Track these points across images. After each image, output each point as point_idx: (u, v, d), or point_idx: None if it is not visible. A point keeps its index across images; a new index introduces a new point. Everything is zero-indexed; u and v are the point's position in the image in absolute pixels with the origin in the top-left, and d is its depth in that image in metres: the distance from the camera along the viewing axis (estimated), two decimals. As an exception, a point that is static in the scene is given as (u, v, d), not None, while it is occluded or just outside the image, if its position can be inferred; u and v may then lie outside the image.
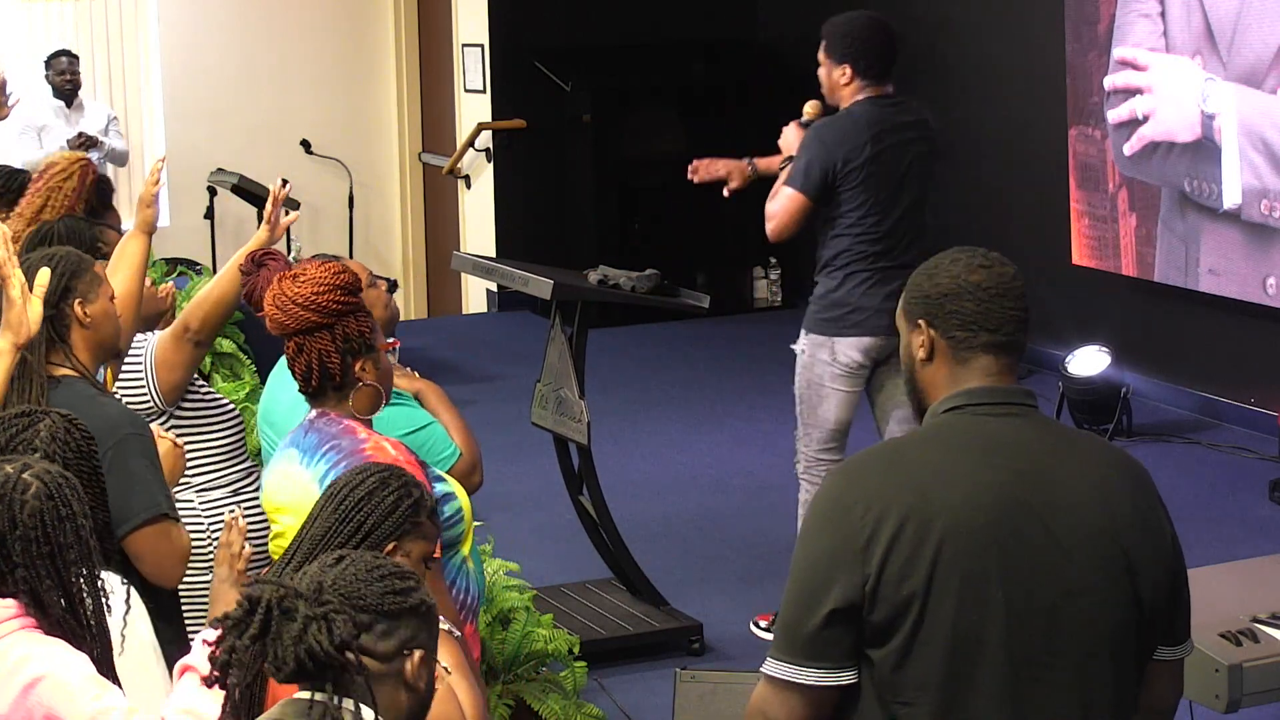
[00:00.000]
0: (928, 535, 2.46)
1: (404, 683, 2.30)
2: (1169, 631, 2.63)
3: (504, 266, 6.00)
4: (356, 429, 3.47)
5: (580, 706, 4.66)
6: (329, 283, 3.48)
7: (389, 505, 2.99)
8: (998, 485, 2.50)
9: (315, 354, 3.47)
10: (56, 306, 3.71)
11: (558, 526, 6.66)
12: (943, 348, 2.62)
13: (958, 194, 9.64)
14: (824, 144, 5.51)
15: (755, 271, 10.89)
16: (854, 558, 2.47)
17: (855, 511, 2.49)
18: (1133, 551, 2.53)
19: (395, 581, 2.33)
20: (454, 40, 11.13)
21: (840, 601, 2.47)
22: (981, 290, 2.60)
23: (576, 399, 5.59)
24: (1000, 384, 2.59)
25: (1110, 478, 2.58)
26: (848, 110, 5.58)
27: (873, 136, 5.51)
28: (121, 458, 3.57)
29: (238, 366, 6.20)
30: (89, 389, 3.73)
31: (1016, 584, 2.47)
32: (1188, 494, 7.13)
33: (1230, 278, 7.77)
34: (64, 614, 2.74)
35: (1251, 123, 7.52)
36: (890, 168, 5.55)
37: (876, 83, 5.60)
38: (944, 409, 2.60)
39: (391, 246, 11.89)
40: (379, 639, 2.28)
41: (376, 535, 2.99)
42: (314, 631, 2.22)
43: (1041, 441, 2.58)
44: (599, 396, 6.54)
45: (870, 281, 5.54)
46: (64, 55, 9.71)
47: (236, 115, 11.29)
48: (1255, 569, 3.98)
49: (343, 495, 2.99)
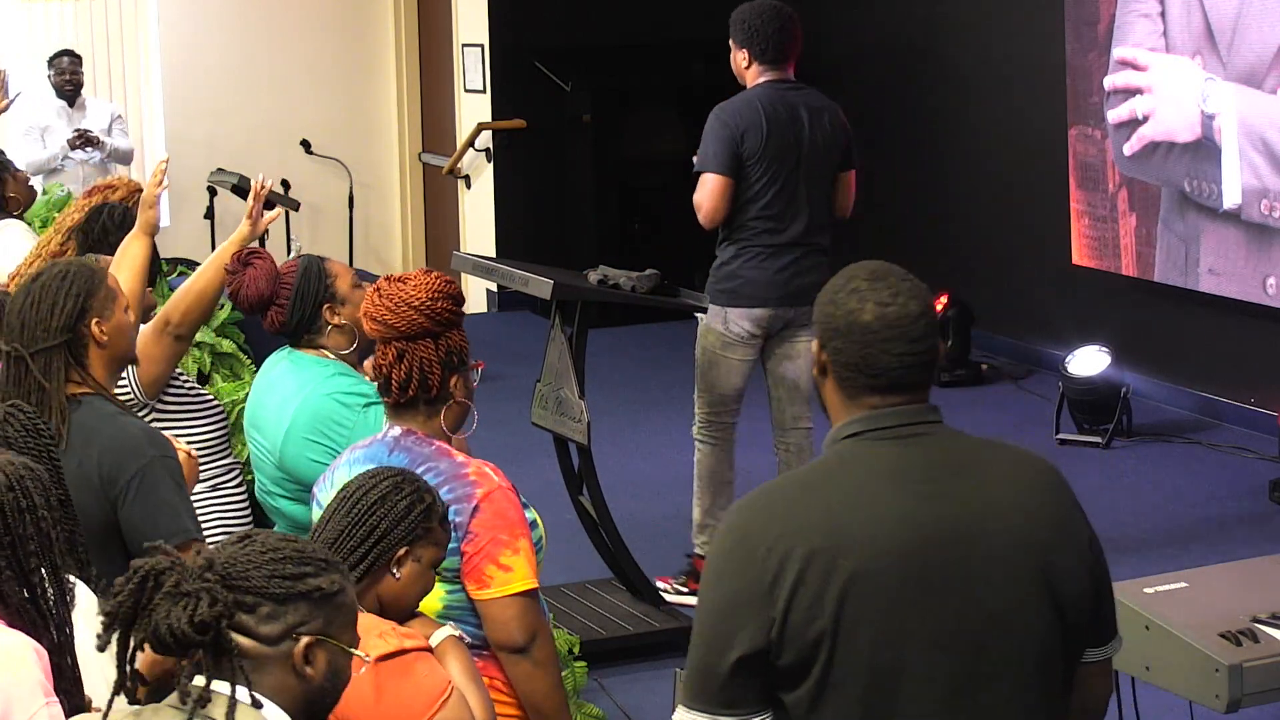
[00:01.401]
0: (834, 573, 2.37)
1: (292, 667, 2.29)
2: (1095, 634, 2.58)
3: (504, 266, 6.00)
4: (451, 451, 3.40)
5: (580, 706, 4.66)
6: (442, 290, 3.42)
7: (402, 510, 2.99)
8: (905, 514, 2.42)
9: (418, 362, 3.39)
10: (74, 328, 3.68)
11: (558, 526, 6.64)
12: (833, 374, 2.53)
13: (958, 194, 9.65)
14: (724, 124, 5.86)
15: (755, 271, 10.89)
16: (759, 601, 2.39)
17: (758, 552, 2.40)
18: (1053, 562, 2.46)
19: (288, 566, 2.31)
20: (454, 40, 11.13)
21: (748, 648, 2.39)
22: (868, 334, 2.47)
23: (576, 399, 5.59)
24: (899, 406, 2.49)
25: (1025, 488, 2.50)
26: (744, 93, 5.97)
27: (767, 117, 5.85)
28: (150, 483, 3.56)
29: (238, 366, 6.18)
30: (109, 407, 3.70)
31: (935, 613, 2.40)
32: (1188, 494, 7.13)
33: (1230, 278, 7.77)
34: (24, 604, 2.72)
35: (1251, 123, 7.52)
36: (785, 148, 5.87)
37: (775, 67, 5.96)
38: (844, 435, 2.51)
39: (391, 246, 11.89)
40: (262, 621, 2.28)
41: (389, 540, 2.99)
42: (178, 608, 2.24)
43: (949, 460, 2.49)
44: (599, 396, 6.54)
45: (763, 256, 5.88)
46: (66, 55, 9.70)
47: (236, 115, 11.29)
48: (1255, 569, 3.97)
49: (356, 499, 2.99)
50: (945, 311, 8.84)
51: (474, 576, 3.32)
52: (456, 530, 3.30)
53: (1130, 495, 7.15)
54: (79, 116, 9.57)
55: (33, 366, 3.63)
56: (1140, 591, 3.68)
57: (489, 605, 3.33)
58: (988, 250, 9.43)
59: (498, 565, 3.32)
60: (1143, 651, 3.58)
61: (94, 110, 9.70)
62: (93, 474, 3.55)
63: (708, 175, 5.84)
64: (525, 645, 3.34)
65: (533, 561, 3.36)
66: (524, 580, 3.34)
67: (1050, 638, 2.47)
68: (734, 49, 6.00)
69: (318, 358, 4.26)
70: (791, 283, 5.89)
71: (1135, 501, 7.06)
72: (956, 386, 8.77)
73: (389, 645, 2.91)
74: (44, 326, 3.66)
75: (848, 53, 10.46)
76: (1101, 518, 6.81)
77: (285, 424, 4.18)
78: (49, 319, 3.66)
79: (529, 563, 3.35)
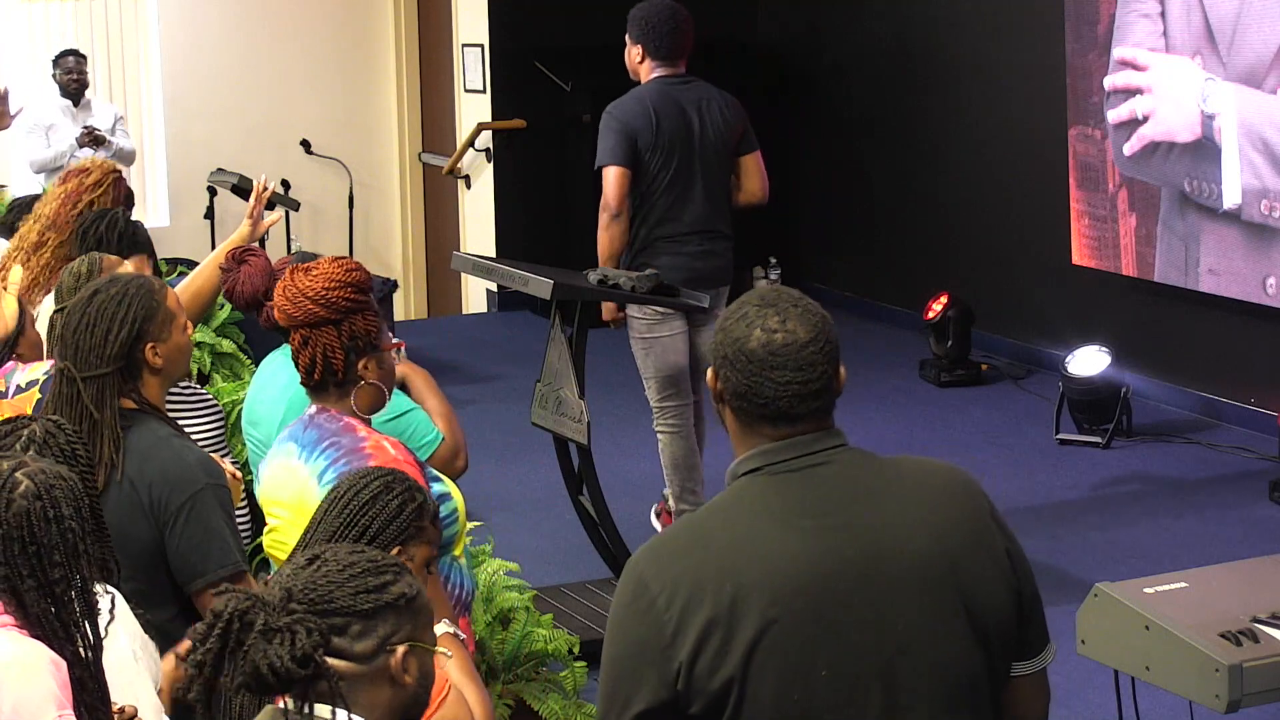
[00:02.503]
0: (739, 618, 2.31)
1: (389, 678, 2.26)
2: (1021, 649, 2.49)
3: (504, 266, 6.00)
4: (356, 427, 3.47)
5: (580, 706, 4.66)
6: (340, 279, 3.48)
7: (393, 510, 2.99)
8: (809, 550, 2.35)
9: (320, 348, 3.47)
10: (128, 356, 3.59)
11: (558, 526, 6.66)
12: (727, 402, 2.46)
13: (958, 194, 9.64)
14: (618, 119, 6.13)
15: (755, 271, 10.89)
16: (661, 653, 2.33)
17: (659, 603, 2.34)
18: (968, 583, 2.40)
19: (369, 579, 2.26)
20: (454, 40, 11.13)
21: (650, 701, 2.34)
22: (753, 362, 2.41)
23: (576, 399, 5.59)
24: (795, 437, 2.42)
25: (936, 507, 2.43)
26: (634, 91, 6.26)
27: (657, 111, 6.12)
28: (201, 511, 3.51)
29: (238, 366, 6.19)
30: (163, 429, 3.63)
31: (841, 651, 2.33)
32: (1188, 494, 7.13)
33: (1230, 278, 7.77)
34: (46, 614, 2.70)
35: (1251, 123, 7.52)
36: (676, 139, 6.13)
37: (667, 63, 6.23)
38: (742, 471, 2.44)
39: (391, 246, 11.89)
40: (355, 640, 2.23)
41: (381, 540, 2.99)
42: (274, 645, 2.17)
43: (849, 488, 2.41)
44: (599, 396, 6.54)
45: (666, 243, 6.17)
46: (71, 55, 9.70)
47: (236, 115, 11.29)
48: (1255, 569, 3.97)
49: (346, 499, 2.99)
50: (945, 311, 8.84)
51: None
52: None
53: (1130, 495, 7.15)
54: (84, 116, 9.57)
55: (84, 392, 3.54)
56: (1140, 591, 3.67)
57: None
58: (987, 250, 9.43)
59: None
60: (1143, 651, 3.58)
61: (98, 111, 9.70)
62: (144, 496, 3.50)
63: (609, 169, 6.10)
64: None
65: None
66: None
67: (969, 658, 2.40)
68: (629, 45, 6.29)
69: None
70: (694, 266, 6.18)
71: (1135, 501, 7.06)
72: (956, 386, 8.77)
73: None
74: (98, 353, 3.57)
75: (848, 53, 10.47)
76: (1101, 518, 6.85)
77: (279, 418, 4.18)
78: (103, 346, 3.57)
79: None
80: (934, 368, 8.89)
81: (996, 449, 7.77)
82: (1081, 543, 6.50)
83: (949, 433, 8.07)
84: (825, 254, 10.76)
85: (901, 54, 10.00)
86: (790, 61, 10.89)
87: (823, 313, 2.46)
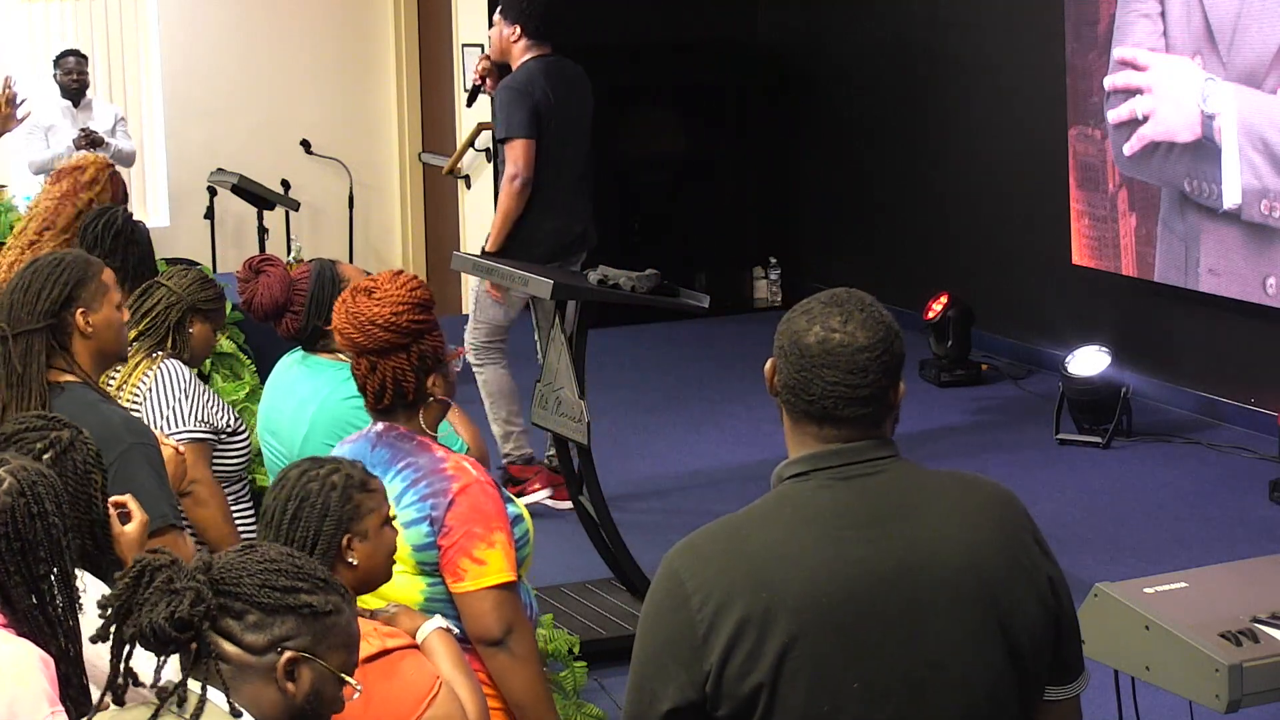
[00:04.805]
0: (772, 624, 2.30)
1: (274, 680, 2.29)
2: (1055, 673, 2.47)
3: (504, 266, 6.00)
4: (432, 446, 3.43)
5: (580, 706, 4.66)
6: (406, 299, 3.42)
7: (322, 506, 2.98)
8: (846, 560, 2.34)
9: (389, 374, 3.41)
10: (58, 314, 3.70)
11: (558, 526, 6.66)
12: (780, 393, 2.45)
13: (958, 194, 9.65)
14: (519, 92, 6.55)
15: (755, 271, 10.89)
16: (692, 653, 2.33)
17: (693, 602, 2.34)
18: (1003, 602, 2.38)
19: (281, 578, 2.31)
20: (454, 40, 11.13)
21: (678, 700, 2.33)
22: (805, 357, 2.39)
23: (576, 399, 5.59)
24: (845, 444, 2.41)
25: (974, 525, 2.41)
26: (523, 65, 6.66)
27: (548, 86, 6.61)
28: (126, 469, 3.55)
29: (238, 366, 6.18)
30: (91, 395, 3.71)
31: (872, 663, 2.32)
32: (1188, 494, 7.13)
33: (1230, 278, 7.77)
34: (31, 611, 2.71)
35: (1251, 123, 7.52)
36: (563, 114, 6.65)
37: (541, 42, 6.69)
38: (787, 475, 2.43)
39: (391, 246, 11.89)
40: (248, 630, 2.28)
41: (328, 540, 2.98)
42: (163, 604, 2.25)
43: (894, 501, 2.39)
44: (599, 396, 6.54)
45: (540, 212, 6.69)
46: (72, 55, 9.69)
47: (236, 115, 11.28)
48: (1255, 569, 3.97)
49: (277, 522, 2.98)
50: (945, 311, 8.84)
51: (449, 570, 3.34)
52: (434, 525, 3.32)
53: (1130, 495, 7.15)
54: (84, 117, 9.56)
55: (13, 351, 3.66)
56: (1140, 591, 3.67)
57: (464, 598, 3.35)
58: (987, 250, 9.43)
59: (471, 559, 3.33)
60: (1143, 651, 3.58)
61: (99, 111, 9.70)
62: None
63: (517, 141, 6.53)
64: (501, 638, 3.34)
65: (510, 555, 3.37)
66: (499, 573, 3.34)
67: (1001, 679, 2.39)
68: (502, 24, 6.70)
69: (333, 361, 4.26)
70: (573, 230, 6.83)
71: (1135, 501, 7.06)
72: (956, 386, 8.78)
73: (371, 647, 2.90)
74: (28, 309, 3.70)
75: (848, 53, 10.47)
76: (1101, 518, 6.85)
77: (303, 429, 4.18)
78: (34, 302, 3.71)
79: (505, 556, 3.35)
80: (934, 368, 8.89)
81: (996, 449, 7.77)
82: (1081, 543, 6.50)
83: (949, 433, 8.07)
84: (825, 254, 10.76)
85: (902, 54, 9.99)
86: (790, 61, 10.88)
87: (891, 323, 2.44)
